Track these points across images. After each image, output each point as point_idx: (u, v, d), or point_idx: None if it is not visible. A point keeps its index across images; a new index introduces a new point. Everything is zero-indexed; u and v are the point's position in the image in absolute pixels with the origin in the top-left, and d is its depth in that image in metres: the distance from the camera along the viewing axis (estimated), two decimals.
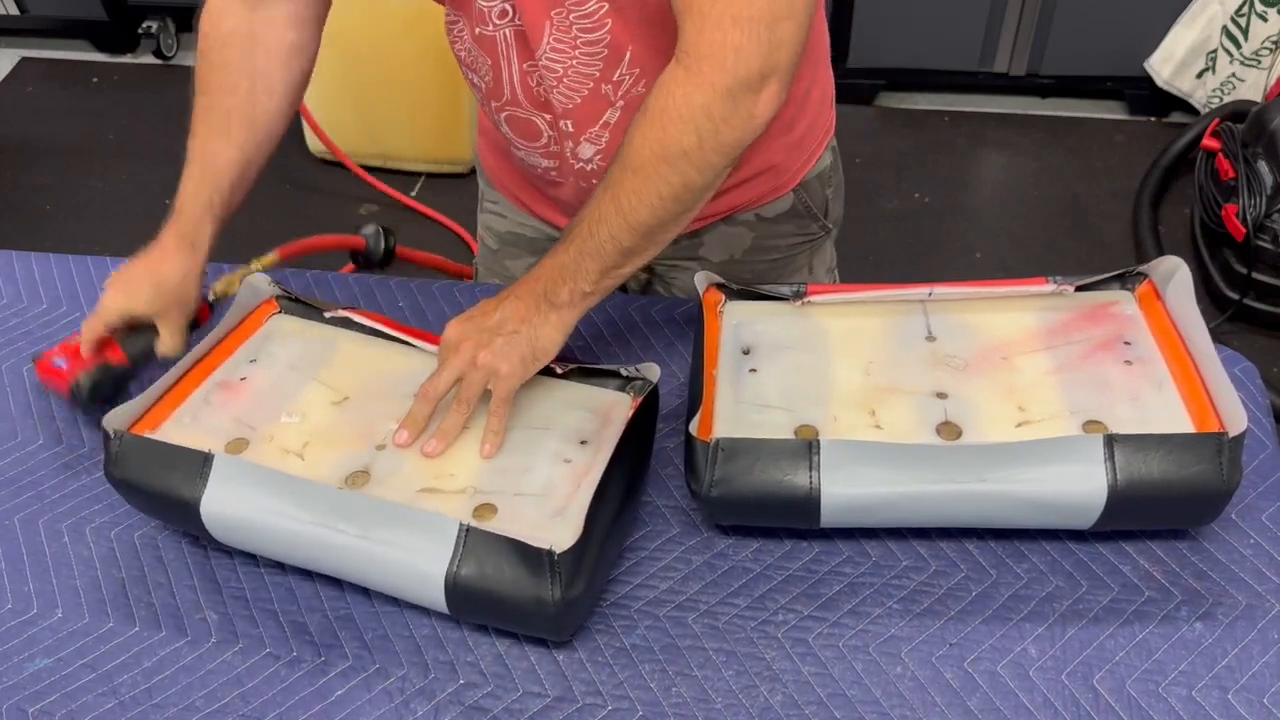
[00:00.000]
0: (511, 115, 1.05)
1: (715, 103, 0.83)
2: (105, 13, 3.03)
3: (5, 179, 2.76)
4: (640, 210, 0.88)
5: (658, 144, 0.86)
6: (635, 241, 0.90)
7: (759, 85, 0.83)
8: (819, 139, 1.17)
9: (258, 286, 1.11)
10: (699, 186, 0.88)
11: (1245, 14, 2.52)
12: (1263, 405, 1.04)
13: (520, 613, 0.84)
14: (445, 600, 0.85)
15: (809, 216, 1.21)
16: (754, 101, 0.84)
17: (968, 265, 2.44)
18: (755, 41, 0.81)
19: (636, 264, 0.93)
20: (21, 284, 1.25)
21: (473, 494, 0.91)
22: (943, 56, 2.72)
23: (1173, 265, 1.00)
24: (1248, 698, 0.83)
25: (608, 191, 0.89)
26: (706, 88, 0.83)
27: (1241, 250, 2.19)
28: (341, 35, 2.48)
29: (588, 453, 0.94)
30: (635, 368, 1.00)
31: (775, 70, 0.84)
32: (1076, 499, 0.86)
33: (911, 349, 1.01)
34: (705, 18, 0.81)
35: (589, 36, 0.93)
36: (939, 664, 0.86)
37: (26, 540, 0.99)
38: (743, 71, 0.82)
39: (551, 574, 0.82)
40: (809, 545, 0.95)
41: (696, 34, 0.82)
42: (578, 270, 0.92)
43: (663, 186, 0.87)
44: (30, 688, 0.88)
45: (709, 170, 0.87)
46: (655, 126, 0.86)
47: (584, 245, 0.91)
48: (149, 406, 0.98)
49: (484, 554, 0.83)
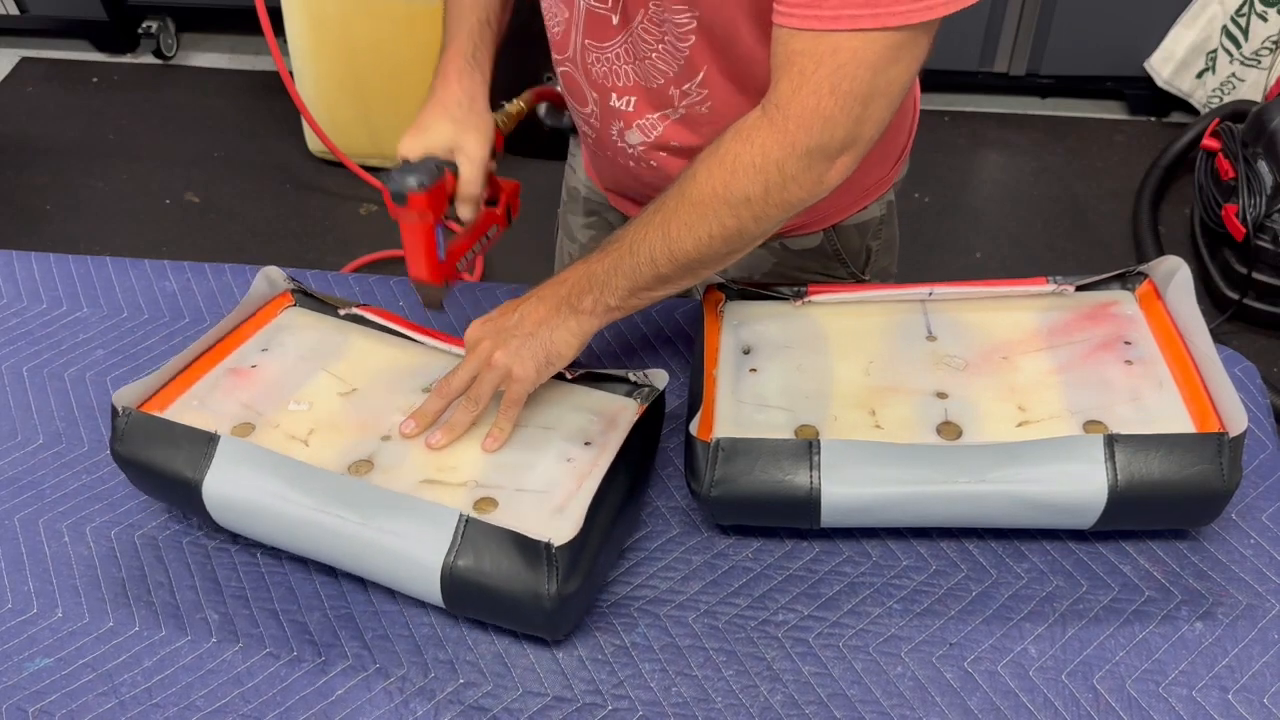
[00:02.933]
0: (567, 73, 1.04)
1: (790, 161, 0.83)
2: (105, 13, 3.03)
3: (5, 179, 2.76)
4: (687, 242, 0.88)
5: (723, 186, 0.86)
6: (673, 271, 0.90)
7: (836, 154, 0.84)
8: (869, 189, 1.15)
9: (273, 279, 1.11)
10: (751, 235, 0.89)
11: (1245, 14, 2.52)
12: (1263, 405, 1.04)
13: (515, 607, 0.84)
14: (441, 592, 0.85)
15: (836, 260, 1.18)
16: (827, 167, 0.85)
17: (968, 265, 2.44)
18: (847, 114, 0.81)
19: (668, 292, 0.93)
20: (21, 284, 1.25)
21: (474, 487, 0.91)
22: (942, 56, 2.71)
23: (1173, 265, 1.00)
24: (1248, 698, 0.83)
25: (658, 215, 0.89)
26: (787, 145, 0.83)
27: (1241, 250, 2.19)
28: (342, 35, 2.49)
29: (591, 453, 0.94)
30: (644, 373, 1.00)
31: (856, 143, 0.84)
32: (1077, 499, 0.86)
33: (912, 349, 1.01)
34: (805, 80, 0.81)
35: (674, 42, 0.93)
36: (939, 664, 0.86)
37: (26, 540, 0.99)
38: (827, 139, 0.83)
39: (549, 567, 0.82)
40: (809, 545, 0.95)
41: (792, 92, 0.82)
42: (607, 283, 0.92)
43: (715, 226, 0.87)
44: (30, 687, 0.88)
45: (765, 221, 0.88)
46: (725, 168, 0.86)
47: (620, 261, 0.91)
48: (159, 387, 0.99)
49: (482, 545, 0.83)
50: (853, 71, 0.80)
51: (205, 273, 1.25)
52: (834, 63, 0.80)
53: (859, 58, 0.79)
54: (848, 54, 0.79)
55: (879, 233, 1.19)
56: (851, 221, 1.16)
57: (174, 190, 2.68)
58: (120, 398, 0.94)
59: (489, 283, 1.30)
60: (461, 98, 1.02)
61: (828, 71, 0.80)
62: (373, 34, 2.43)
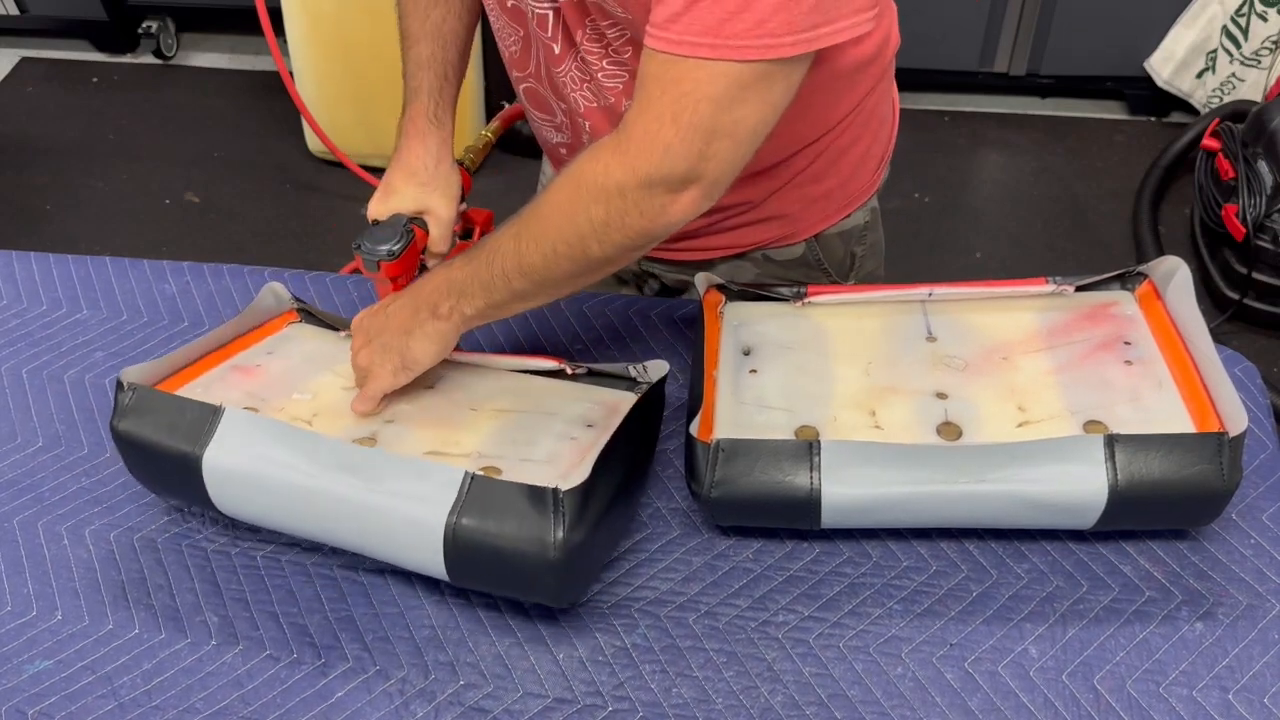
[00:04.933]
0: (530, 89, 1.04)
1: (631, 187, 0.82)
2: (105, 13, 3.02)
3: (5, 179, 2.76)
4: (534, 256, 0.88)
5: (569, 202, 0.85)
6: (526, 286, 0.90)
7: (679, 187, 0.82)
8: (850, 198, 1.13)
9: (280, 295, 1.12)
10: (596, 258, 0.87)
11: (1245, 14, 2.52)
12: (1263, 405, 1.04)
13: (520, 563, 0.82)
14: (443, 557, 0.83)
15: (820, 270, 1.18)
16: (670, 200, 0.82)
17: (968, 265, 2.43)
18: (687, 146, 0.80)
19: (525, 306, 0.93)
20: (21, 284, 1.25)
21: (478, 458, 0.92)
22: (942, 56, 2.71)
23: (1173, 265, 0.99)
24: (1248, 698, 0.83)
25: (513, 227, 0.89)
26: (628, 169, 0.82)
27: (1241, 250, 2.19)
28: (341, 35, 2.49)
29: (593, 433, 0.95)
30: (643, 366, 1.00)
31: (700, 179, 0.82)
32: (1077, 499, 0.86)
33: (912, 349, 1.00)
34: (649, 105, 0.80)
35: (615, 55, 0.93)
36: (940, 664, 0.86)
37: (26, 543, 0.99)
38: (667, 170, 0.81)
39: (555, 513, 0.80)
40: (809, 546, 0.95)
41: (636, 116, 0.81)
42: (464, 292, 0.92)
43: (559, 243, 0.86)
44: (30, 690, 0.88)
45: (610, 246, 0.86)
46: (571, 184, 0.85)
47: (478, 272, 0.91)
48: (168, 372, 0.99)
49: (487, 501, 0.82)
50: (693, 103, 0.78)
51: (205, 275, 1.25)
52: (677, 91, 0.78)
53: (701, 90, 0.78)
54: (690, 84, 0.78)
55: (864, 238, 1.19)
56: (834, 230, 1.15)
57: (174, 190, 2.68)
58: (128, 374, 0.94)
59: None
60: (427, 160, 1.04)
61: (670, 99, 0.79)
62: (373, 34, 2.43)
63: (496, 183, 2.57)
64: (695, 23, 0.75)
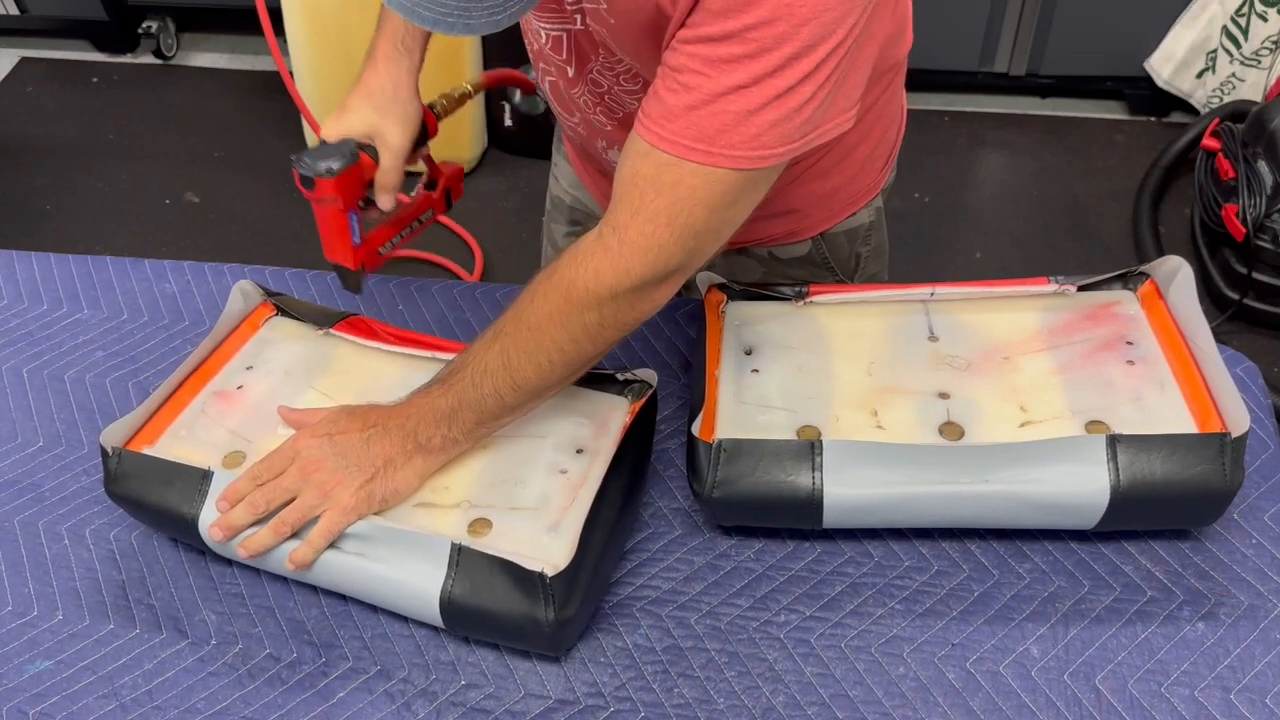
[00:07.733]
0: (554, 83, 1.03)
1: (625, 290, 0.83)
2: (105, 13, 3.02)
3: (5, 179, 2.76)
4: (528, 369, 0.88)
5: (558, 311, 0.85)
6: (519, 400, 0.90)
7: (667, 279, 0.85)
8: (857, 196, 1.13)
9: (248, 292, 1.10)
10: (590, 356, 0.89)
11: (1245, 14, 2.52)
12: (1264, 405, 1.03)
13: (515, 631, 0.84)
14: (442, 619, 0.85)
15: (825, 268, 1.18)
16: (657, 290, 0.85)
17: (968, 265, 2.43)
18: (681, 246, 0.82)
19: (514, 418, 0.93)
20: (22, 284, 1.25)
21: (467, 508, 0.91)
22: (942, 56, 2.71)
23: (1175, 265, 0.99)
24: (1250, 698, 0.83)
25: (498, 343, 0.88)
26: (621, 273, 0.83)
27: (1241, 250, 2.19)
28: (341, 35, 2.49)
29: (584, 462, 0.94)
30: (633, 372, 1.00)
31: (685, 269, 0.85)
32: (1079, 499, 0.86)
33: (914, 349, 1.00)
34: (643, 206, 0.81)
35: (627, 84, 0.93)
36: (941, 664, 0.86)
37: (26, 542, 0.99)
38: (660, 268, 0.83)
39: (545, 596, 0.82)
40: (811, 546, 0.95)
41: (629, 218, 0.82)
42: (453, 418, 0.90)
43: (554, 353, 0.87)
44: (31, 690, 0.87)
45: (603, 343, 0.88)
46: (559, 293, 0.85)
47: (464, 395, 0.89)
48: (145, 419, 0.98)
49: (477, 574, 0.84)
50: (688, 208, 0.80)
51: (205, 274, 1.25)
52: (673, 195, 0.79)
53: (697, 196, 0.79)
54: (687, 190, 0.79)
55: (868, 238, 1.19)
56: (840, 229, 1.15)
57: (174, 190, 2.68)
58: (108, 437, 0.93)
59: (488, 284, 1.29)
60: (386, 84, 1.01)
61: (666, 203, 0.80)
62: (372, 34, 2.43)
63: (497, 183, 2.57)
64: (692, 127, 0.77)
